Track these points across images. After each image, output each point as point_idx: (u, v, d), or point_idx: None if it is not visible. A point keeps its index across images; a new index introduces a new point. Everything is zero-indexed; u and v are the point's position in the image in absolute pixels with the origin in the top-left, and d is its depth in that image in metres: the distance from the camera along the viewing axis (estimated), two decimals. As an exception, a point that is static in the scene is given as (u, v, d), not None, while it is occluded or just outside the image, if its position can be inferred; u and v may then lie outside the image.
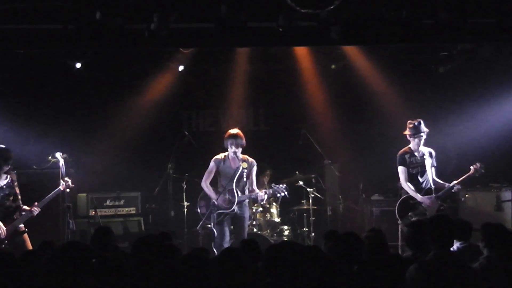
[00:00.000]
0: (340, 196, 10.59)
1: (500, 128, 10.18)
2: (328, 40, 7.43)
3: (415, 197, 8.37)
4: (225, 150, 8.30)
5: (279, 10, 7.07)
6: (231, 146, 8.18)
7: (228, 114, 11.40)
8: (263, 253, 4.74)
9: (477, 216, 8.85)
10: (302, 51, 10.62)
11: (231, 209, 8.12)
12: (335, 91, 11.08)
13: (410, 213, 8.36)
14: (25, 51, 8.87)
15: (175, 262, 4.52)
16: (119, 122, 10.71)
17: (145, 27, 7.08)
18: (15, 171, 7.78)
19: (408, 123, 8.52)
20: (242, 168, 8.14)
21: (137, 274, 4.40)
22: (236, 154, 8.18)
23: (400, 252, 8.12)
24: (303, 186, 9.94)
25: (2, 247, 7.33)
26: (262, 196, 8.28)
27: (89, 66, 10.14)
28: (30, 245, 7.49)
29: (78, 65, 10.01)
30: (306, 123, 10.58)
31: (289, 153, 11.01)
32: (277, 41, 7.93)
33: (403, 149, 8.57)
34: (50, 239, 6.26)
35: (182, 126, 11.20)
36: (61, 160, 8.00)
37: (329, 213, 10.47)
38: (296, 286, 4.26)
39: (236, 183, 8.16)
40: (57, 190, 7.82)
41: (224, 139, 8.27)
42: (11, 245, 7.39)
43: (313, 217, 9.86)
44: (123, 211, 10.27)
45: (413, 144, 8.52)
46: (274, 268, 4.41)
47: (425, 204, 8.32)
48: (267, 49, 10.57)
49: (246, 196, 8.26)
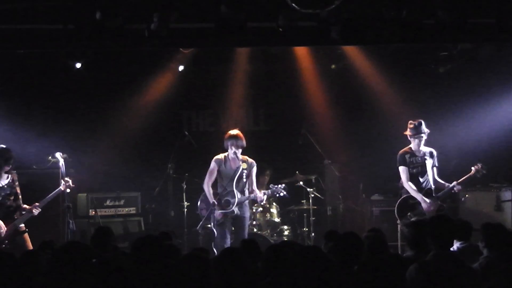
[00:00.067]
0: (340, 196, 10.58)
1: (500, 128, 10.16)
2: (328, 40, 7.42)
3: (416, 197, 8.37)
4: (225, 150, 8.30)
5: (279, 10, 7.06)
6: (231, 147, 8.18)
7: (228, 114, 11.39)
8: (263, 253, 4.74)
9: (477, 216, 8.84)
10: (302, 51, 10.62)
11: (231, 210, 8.12)
12: (335, 91, 11.07)
13: (409, 213, 8.37)
14: (25, 51, 8.85)
15: (175, 262, 4.52)
16: (119, 122, 10.69)
17: (145, 27, 7.07)
18: (15, 171, 7.78)
19: (409, 123, 8.52)
20: (242, 169, 8.14)
21: (137, 274, 4.40)
22: (236, 155, 8.18)
23: (400, 252, 8.12)
24: (303, 186, 9.93)
25: (2, 247, 7.33)
26: (261, 197, 8.29)
27: (89, 66, 10.13)
28: (30, 245, 7.49)
29: (78, 65, 10.00)
30: (306, 123, 10.56)
31: (289, 153, 11.00)
32: (277, 41, 7.91)
33: (404, 149, 8.57)
34: (50, 239, 6.27)
35: (182, 126, 11.19)
36: (61, 160, 8.00)
37: (329, 213, 10.48)
38: (296, 286, 4.26)
39: (235, 184, 8.16)
40: (57, 190, 7.82)
41: (224, 140, 8.27)
42: (12, 245, 7.39)
43: (313, 217, 9.85)
44: (123, 211, 10.26)
45: (413, 144, 8.52)
46: (274, 268, 4.41)
47: (425, 206, 8.31)
48: (267, 49, 10.56)
49: (246, 197, 8.26)
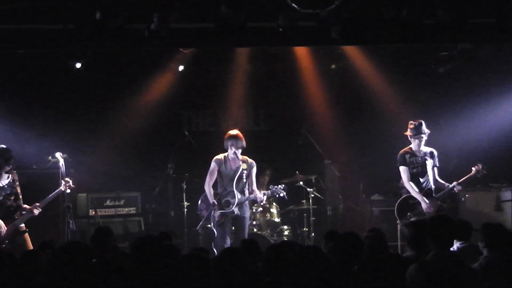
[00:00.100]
0: (340, 196, 10.59)
1: (500, 128, 10.16)
2: (328, 40, 7.41)
3: (417, 197, 8.36)
4: (225, 150, 8.30)
5: (279, 10, 7.06)
6: (231, 147, 8.18)
7: (228, 114, 11.39)
8: (263, 253, 4.74)
9: (477, 216, 8.83)
10: (302, 51, 10.61)
11: (231, 210, 8.12)
12: (335, 91, 11.07)
13: (408, 213, 8.37)
14: (25, 51, 8.85)
15: (175, 262, 4.52)
16: (119, 122, 10.70)
17: (145, 27, 7.07)
18: (15, 171, 7.78)
19: (409, 123, 8.52)
20: (242, 169, 8.14)
21: (137, 274, 4.40)
22: (236, 155, 8.18)
23: (400, 252, 8.12)
24: (303, 186, 9.93)
25: (2, 246, 7.33)
26: (261, 198, 8.30)
27: (89, 66, 10.13)
28: (30, 245, 7.49)
29: (78, 65, 10.00)
30: (306, 123, 10.57)
31: (289, 153, 11.00)
32: (277, 41, 7.91)
33: (404, 149, 8.57)
34: (50, 239, 6.27)
35: (182, 126, 11.19)
36: (61, 160, 8.00)
37: (329, 213, 10.48)
38: (296, 286, 4.26)
39: (235, 184, 8.16)
40: (58, 191, 7.82)
41: (224, 140, 8.28)
42: (12, 245, 7.39)
43: (313, 217, 9.85)
44: (123, 211, 10.26)
45: (414, 145, 8.52)
46: (274, 268, 4.41)
47: (425, 207, 8.31)
48: (267, 49, 10.56)
49: (246, 197, 8.26)
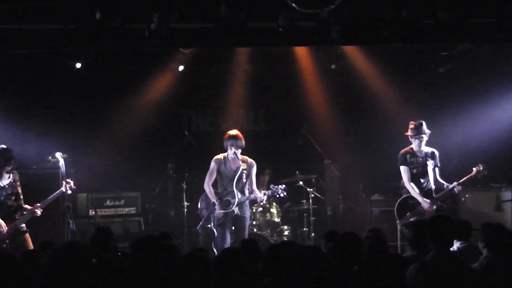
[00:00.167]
0: (340, 196, 10.59)
1: (500, 128, 10.16)
2: (328, 40, 7.41)
3: (417, 197, 8.36)
4: (225, 150, 8.30)
5: (279, 10, 7.06)
6: (230, 147, 8.18)
7: (228, 114, 11.40)
8: (263, 253, 4.74)
9: (477, 216, 8.82)
10: (302, 51, 10.62)
11: (231, 210, 8.12)
12: (335, 91, 11.08)
13: (408, 213, 8.37)
14: (25, 51, 8.85)
15: (175, 262, 4.51)
16: (119, 122, 10.70)
17: (145, 27, 7.07)
18: (16, 171, 7.78)
19: (409, 123, 8.53)
20: (241, 169, 8.13)
21: (137, 274, 4.40)
22: (236, 155, 8.18)
23: (400, 252, 8.12)
24: (303, 186, 9.93)
25: (3, 246, 7.33)
26: (261, 197, 8.30)
27: (89, 66, 10.14)
28: (31, 245, 7.49)
29: (78, 65, 10.02)
30: (306, 123, 10.57)
31: (289, 153, 11.00)
32: (277, 41, 7.92)
33: (405, 149, 8.58)
34: (50, 239, 6.27)
35: (182, 126, 11.20)
36: (61, 160, 8.00)
37: (329, 213, 10.47)
38: (296, 286, 4.26)
39: (236, 184, 8.16)
40: (59, 192, 7.82)
41: (224, 140, 8.27)
42: (12, 245, 7.39)
43: (313, 217, 9.85)
44: (123, 211, 10.26)
45: (414, 145, 8.53)
46: (274, 268, 4.41)
47: (424, 208, 8.31)
48: (267, 49, 10.56)
49: (246, 197, 8.26)
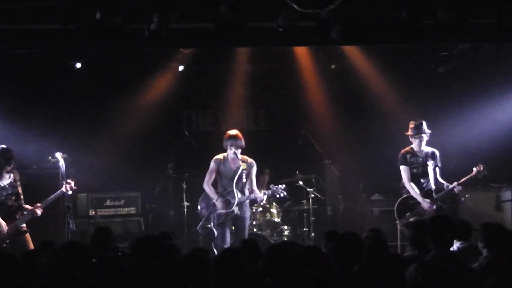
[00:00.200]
0: (340, 196, 10.59)
1: (500, 128, 10.16)
2: (328, 40, 7.40)
3: (417, 198, 8.36)
4: (224, 150, 8.30)
5: (279, 10, 7.05)
6: (230, 147, 8.18)
7: (228, 114, 11.40)
8: (263, 253, 4.74)
9: (477, 216, 8.81)
10: (302, 51, 10.62)
11: (231, 210, 8.12)
12: (335, 91, 11.08)
13: (408, 213, 8.37)
14: (25, 51, 8.85)
15: (175, 262, 4.52)
16: (119, 122, 10.70)
17: (145, 27, 7.07)
18: (16, 171, 7.77)
19: (410, 123, 8.53)
20: (241, 169, 8.13)
21: (137, 274, 4.40)
22: (236, 155, 8.17)
23: (400, 252, 8.12)
24: (303, 186, 9.93)
25: (3, 246, 7.33)
26: (261, 197, 8.30)
27: (89, 66, 10.14)
28: (31, 245, 7.49)
29: (78, 65, 10.02)
30: (306, 123, 10.57)
31: (289, 153, 11.01)
32: (277, 41, 7.91)
33: (405, 149, 8.57)
34: (50, 239, 6.27)
35: (182, 126, 11.20)
36: (61, 160, 8.01)
37: (329, 213, 10.48)
38: (296, 286, 4.26)
39: (235, 184, 8.16)
40: (59, 192, 7.83)
41: (224, 140, 8.27)
42: (12, 245, 7.39)
43: (313, 217, 9.85)
44: (123, 211, 10.26)
45: (414, 145, 8.52)
46: (274, 268, 4.41)
47: (424, 208, 8.31)
48: (267, 49, 10.56)
49: (246, 197, 8.26)
